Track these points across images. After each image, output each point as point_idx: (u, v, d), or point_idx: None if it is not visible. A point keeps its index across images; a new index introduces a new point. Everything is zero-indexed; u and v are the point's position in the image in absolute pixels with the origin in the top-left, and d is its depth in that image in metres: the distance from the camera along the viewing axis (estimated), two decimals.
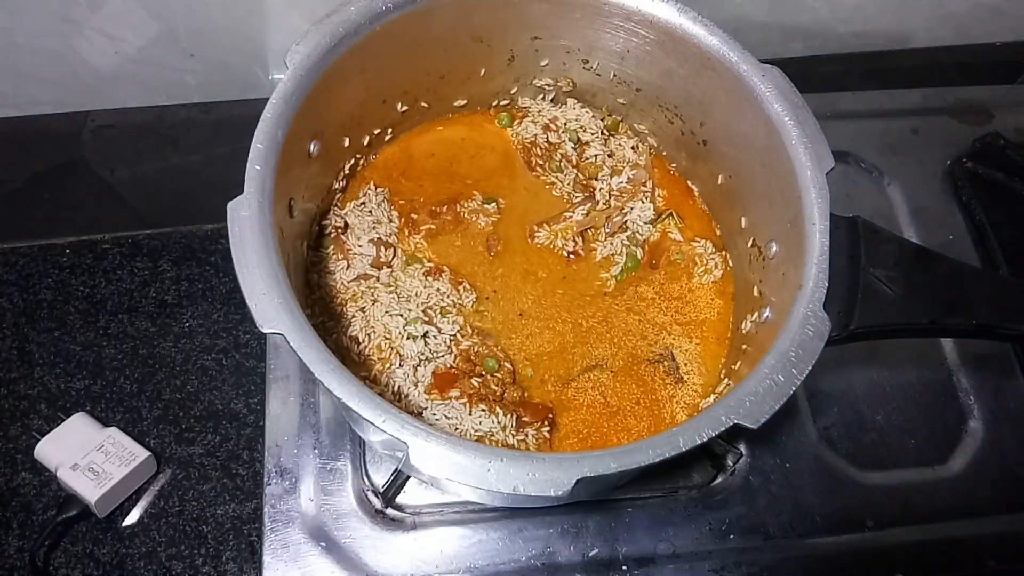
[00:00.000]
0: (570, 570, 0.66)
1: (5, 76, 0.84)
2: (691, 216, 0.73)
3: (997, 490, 0.72)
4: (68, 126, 0.88)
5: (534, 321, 0.66)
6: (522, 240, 0.70)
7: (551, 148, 0.73)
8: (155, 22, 0.80)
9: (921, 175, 0.88)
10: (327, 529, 0.65)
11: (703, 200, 0.73)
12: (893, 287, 0.55)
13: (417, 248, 0.68)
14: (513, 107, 0.76)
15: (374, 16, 0.60)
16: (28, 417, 0.73)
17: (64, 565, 0.67)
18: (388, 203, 0.69)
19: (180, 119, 0.90)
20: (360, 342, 0.62)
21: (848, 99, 0.92)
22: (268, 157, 0.53)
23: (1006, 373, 0.78)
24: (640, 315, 0.67)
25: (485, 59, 0.71)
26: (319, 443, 0.68)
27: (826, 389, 0.76)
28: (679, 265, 0.70)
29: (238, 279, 0.49)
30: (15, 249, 0.81)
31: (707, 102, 0.66)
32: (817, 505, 0.70)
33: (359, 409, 0.46)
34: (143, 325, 0.78)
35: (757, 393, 0.49)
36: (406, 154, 0.72)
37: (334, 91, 0.60)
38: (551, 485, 0.45)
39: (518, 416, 0.61)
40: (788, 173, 0.58)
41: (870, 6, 0.94)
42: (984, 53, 1.03)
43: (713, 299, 0.68)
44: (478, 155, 0.73)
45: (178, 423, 0.74)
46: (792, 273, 0.56)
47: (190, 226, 0.83)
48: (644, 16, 0.64)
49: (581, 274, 0.69)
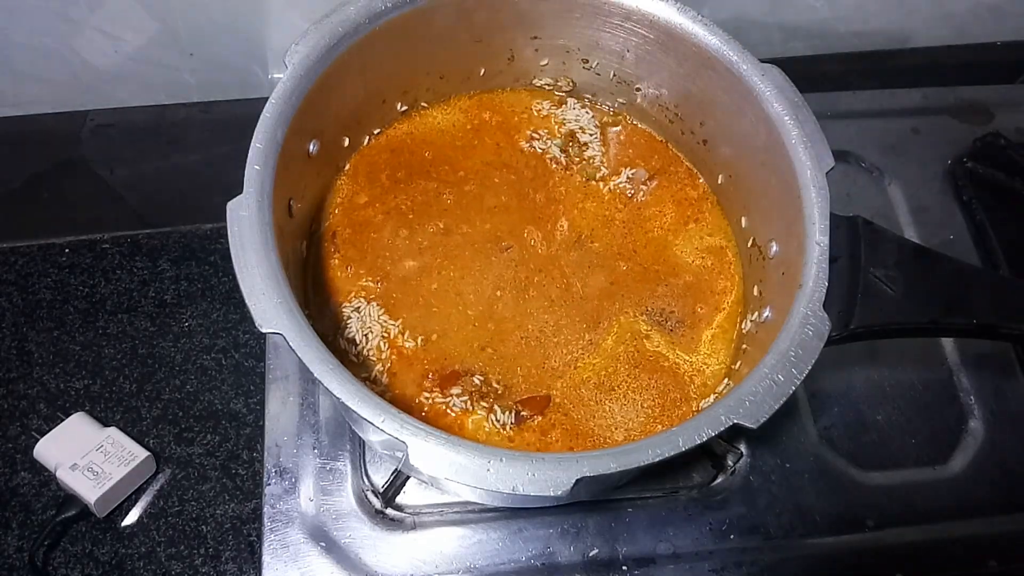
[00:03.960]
0: (570, 570, 0.66)
1: (4, 75, 0.84)
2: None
3: (997, 490, 0.72)
4: (67, 126, 0.88)
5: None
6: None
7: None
8: (155, 21, 0.80)
9: (921, 175, 0.88)
10: (327, 529, 0.65)
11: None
12: (893, 287, 0.55)
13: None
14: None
15: (374, 16, 0.60)
16: (27, 417, 0.73)
17: (63, 565, 0.67)
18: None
19: (180, 118, 0.90)
20: (358, 343, 0.62)
21: (848, 99, 0.92)
22: (267, 157, 0.53)
23: (1006, 373, 0.78)
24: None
25: (485, 59, 0.71)
26: (319, 443, 0.68)
27: (826, 389, 0.76)
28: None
29: (237, 279, 0.49)
30: (14, 249, 0.81)
31: (707, 102, 0.66)
32: (817, 505, 0.70)
33: (358, 409, 0.46)
34: (142, 325, 0.78)
35: (757, 393, 0.49)
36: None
37: (334, 91, 0.60)
38: (551, 485, 0.45)
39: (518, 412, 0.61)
40: (788, 173, 0.58)
41: (870, 5, 0.94)
42: (984, 53, 1.03)
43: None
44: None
45: (177, 423, 0.73)
46: (792, 273, 0.56)
47: (189, 226, 0.83)
48: (644, 15, 0.64)
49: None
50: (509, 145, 0.73)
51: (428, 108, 0.73)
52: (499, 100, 0.75)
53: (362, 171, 0.70)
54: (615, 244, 0.68)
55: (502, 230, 0.68)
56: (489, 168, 0.71)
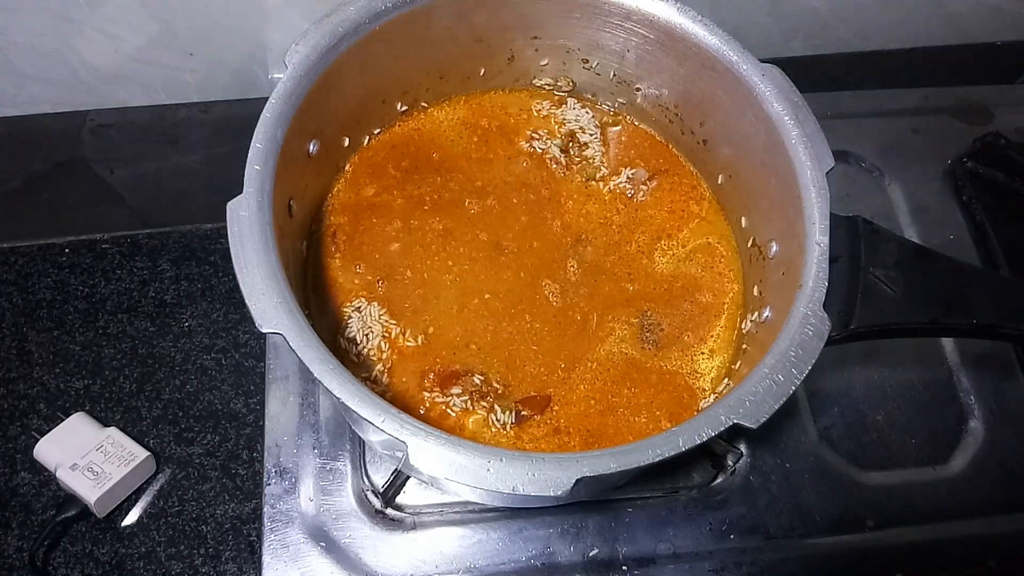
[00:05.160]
0: (570, 570, 0.66)
1: (4, 75, 0.84)
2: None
3: (997, 490, 0.72)
4: (67, 125, 0.88)
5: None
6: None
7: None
8: (154, 21, 0.80)
9: (921, 175, 0.88)
10: (327, 529, 0.65)
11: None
12: (893, 287, 0.55)
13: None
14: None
15: (374, 16, 0.60)
16: (27, 417, 0.73)
17: (63, 565, 0.67)
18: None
19: (180, 118, 0.90)
20: (359, 343, 0.62)
21: (848, 99, 0.92)
22: (267, 157, 0.53)
23: (1006, 373, 0.78)
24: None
25: (485, 59, 0.71)
26: (319, 443, 0.68)
27: (826, 389, 0.76)
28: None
29: (237, 279, 0.49)
30: (14, 248, 0.81)
31: (707, 102, 0.66)
32: (817, 505, 0.70)
33: (358, 409, 0.46)
34: (142, 325, 0.78)
35: (757, 393, 0.49)
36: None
37: (334, 91, 0.60)
38: (551, 485, 0.45)
39: (518, 412, 0.61)
40: (788, 173, 0.58)
41: (871, 5, 0.94)
42: (984, 53, 1.03)
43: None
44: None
45: (177, 423, 0.74)
46: (792, 273, 0.56)
47: (189, 225, 0.83)
48: (644, 15, 0.64)
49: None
50: (509, 145, 0.72)
51: (428, 108, 0.73)
52: (499, 100, 0.75)
53: (363, 170, 0.70)
54: (615, 244, 0.69)
55: (503, 230, 0.68)
56: (489, 168, 0.71)
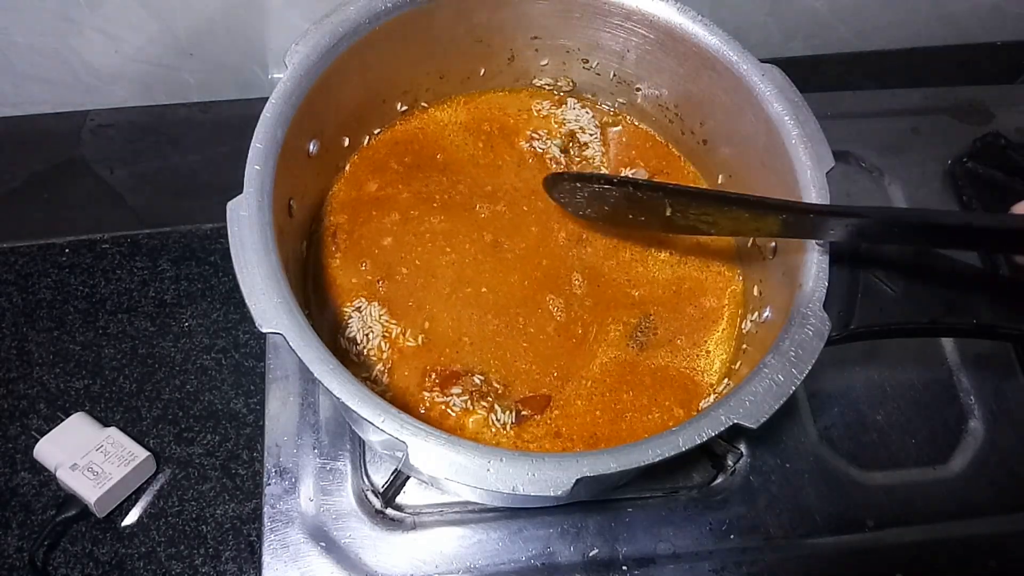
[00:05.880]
0: (570, 570, 0.66)
1: (4, 75, 0.84)
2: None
3: (997, 490, 0.72)
4: (67, 126, 0.88)
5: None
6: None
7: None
8: (154, 21, 0.80)
9: (921, 175, 0.88)
10: (327, 529, 0.65)
11: None
12: (893, 287, 0.55)
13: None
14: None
15: (374, 16, 0.60)
16: (27, 417, 0.73)
17: (63, 565, 0.67)
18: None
19: (179, 119, 0.90)
20: (359, 343, 0.62)
21: (848, 99, 0.92)
22: (267, 157, 0.53)
23: (1006, 373, 0.78)
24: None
25: (485, 59, 0.71)
26: (319, 443, 0.68)
27: (826, 389, 0.76)
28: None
29: (237, 279, 0.49)
30: (14, 249, 0.81)
31: (707, 102, 0.66)
32: (817, 505, 0.70)
33: (359, 409, 0.46)
34: (142, 325, 0.78)
35: (757, 393, 0.49)
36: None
37: (334, 91, 0.60)
38: (551, 485, 0.45)
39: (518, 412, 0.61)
40: (788, 173, 0.58)
41: (871, 5, 0.94)
42: (984, 53, 1.03)
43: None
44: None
45: (177, 423, 0.74)
46: (792, 273, 0.56)
47: (189, 226, 0.83)
48: (644, 15, 0.64)
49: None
50: (509, 145, 0.72)
51: (428, 108, 0.73)
52: (499, 100, 0.75)
53: (364, 168, 0.70)
54: (615, 244, 0.68)
55: (503, 230, 0.68)
56: (490, 168, 0.71)
